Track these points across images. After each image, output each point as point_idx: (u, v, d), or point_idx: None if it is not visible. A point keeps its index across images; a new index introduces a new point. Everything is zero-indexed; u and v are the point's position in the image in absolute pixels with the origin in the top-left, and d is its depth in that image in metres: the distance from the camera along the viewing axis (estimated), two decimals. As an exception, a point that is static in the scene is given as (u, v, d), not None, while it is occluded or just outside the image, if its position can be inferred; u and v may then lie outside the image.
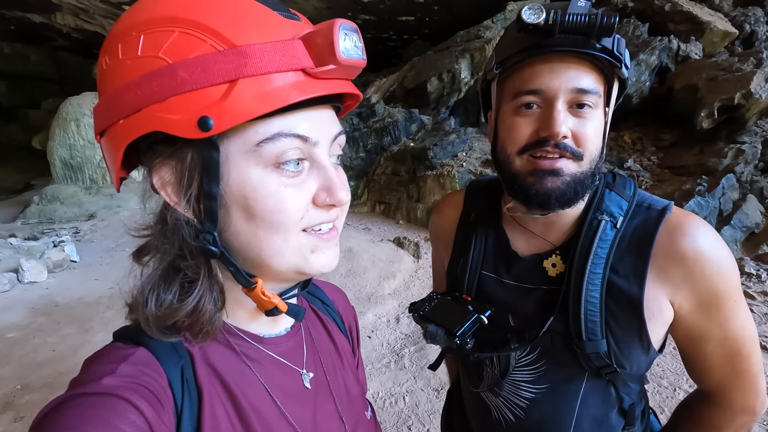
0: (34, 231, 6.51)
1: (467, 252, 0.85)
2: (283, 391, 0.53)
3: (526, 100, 0.68)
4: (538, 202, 0.70)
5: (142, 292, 0.46)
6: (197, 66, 0.39)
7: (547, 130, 0.66)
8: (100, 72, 0.45)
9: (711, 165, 4.86)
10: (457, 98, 7.39)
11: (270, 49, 0.40)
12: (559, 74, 0.66)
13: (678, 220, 0.70)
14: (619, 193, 0.75)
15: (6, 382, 2.87)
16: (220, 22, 0.40)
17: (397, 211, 6.38)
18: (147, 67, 0.40)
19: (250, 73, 0.40)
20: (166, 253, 0.47)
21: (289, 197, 0.44)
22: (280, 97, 0.40)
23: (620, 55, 0.65)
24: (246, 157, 0.43)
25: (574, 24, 0.61)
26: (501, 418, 0.84)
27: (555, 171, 0.68)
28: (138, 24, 0.42)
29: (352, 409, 0.62)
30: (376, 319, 3.56)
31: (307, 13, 8.88)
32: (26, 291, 4.38)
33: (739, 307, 0.70)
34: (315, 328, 0.64)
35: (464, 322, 0.76)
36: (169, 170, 0.44)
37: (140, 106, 0.40)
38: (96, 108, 0.45)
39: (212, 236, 0.44)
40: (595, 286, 0.70)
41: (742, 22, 6.70)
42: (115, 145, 0.43)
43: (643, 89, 6.04)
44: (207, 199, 0.43)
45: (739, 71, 5.30)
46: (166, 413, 0.42)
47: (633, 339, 0.71)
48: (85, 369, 0.44)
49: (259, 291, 0.47)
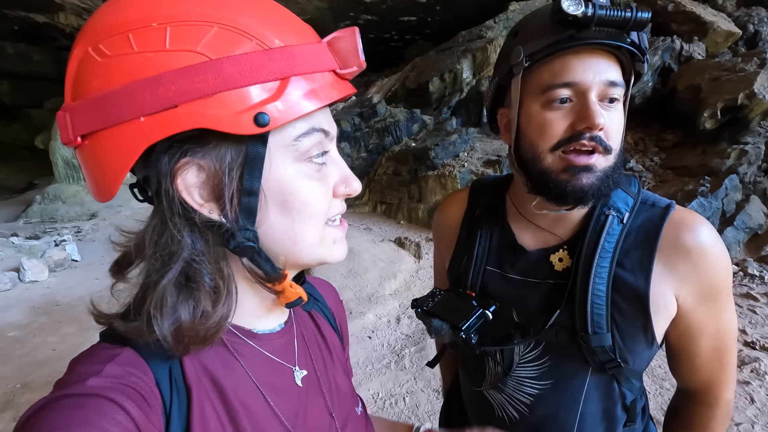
0: (36, 230, 6.52)
1: (472, 248, 0.85)
2: (274, 388, 0.52)
3: (559, 93, 0.67)
4: (575, 198, 0.69)
5: (146, 312, 0.43)
6: (247, 63, 0.40)
7: (586, 122, 0.65)
8: (86, 65, 0.41)
9: (714, 166, 4.84)
10: (458, 98, 7.38)
11: (311, 50, 0.43)
12: (592, 66, 0.66)
13: (682, 216, 0.72)
14: (625, 190, 0.77)
15: (6, 380, 2.87)
16: (262, 22, 0.42)
17: (398, 212, 6.37)
18: (181, 62, 0.39)
19: (298, 72, 0.42)
20: (167, 263, 0.43)
21: (320, 189, 0.48)
22: (326, 95, 0.44)
23: (645, 49, 0.67)
24: (284, 152, 0.45)
25: (611, 18, 0.62)
26: (504, 416, 0.84)
27: (589, 167, 0.68)
28: (159, 16, 0.40)
29: (342, 405, 0.62)
30: (377, 319, 3.55)
31: (309, 13, 8.88)
32: (27, 290, 4.39)
33: (730, 301, 0.74)
34: (305, 324, 0.64)
35: (469, 317, 0.76)
36: (196, 171, 0.42)
37: (175, 102, 0.38)
38: (77, 106, 0.41)
39: (253, 232, 0.45)
40: (602, 279, 0.71)
41: (745, 22, 6.68)
42: (130, 145, 0.40)
43: (646, 89, 6.02)
44: (246, 196, 0.43)
45: (743, 71, 5.28)
46: (154, 413, 0.41)
47: (638, 333, 0.72)
48: (70, 370, 0.43)
49: (288, 283, 0.48)
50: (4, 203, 8.39)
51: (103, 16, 0.42)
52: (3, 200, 8.67)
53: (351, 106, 7.83)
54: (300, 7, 8.68)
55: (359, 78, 9.83)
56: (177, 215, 0.43)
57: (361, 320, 3.48)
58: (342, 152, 6.99)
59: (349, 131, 7.20)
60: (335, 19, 9.47)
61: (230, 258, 0.48)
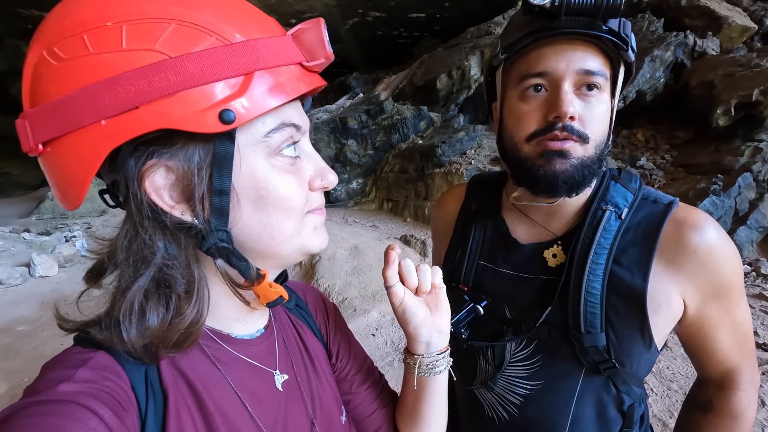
0: (47, 226, 6.63)
1: (466, 242, 0.85)
2: (253, 394, 0.51)
3: (532, 82, 0.68)
4: (546, 184, 0.69)
5: (114, 320, 0.42)
6: (208, 59, 0.38)
7: (555, 111, 0.65)
8: (42, 69, 0.39)
9: (727, 163, 4.74)
10: (466, 95, 7.34)
11: (275, 43, 0.42)
12: (565, 56, 0.66)
13: (685, 214, 0.70)
14: (625, 186, 0.75)
15: (15, 374, 2.92)
16: (221, 16, 0.40)
17: (404, 209, 6.35)
18: (139, 61, 0.37)
19: (262, 66, 0.41)
20: (139, 269, 0.43)
21: (295, 182, 0.47)
22: (293, 89, 0.43)
23: (627, 37, 0.65)
24: (254, 149, 0.44)
25: (581, 5, 0.61)
26: (494, 416, 0.83)
27: (563, 152, 0.67)
28: (113, 15, 0.38)
29: (324, 412, 0.60)
30: (381, 317, 3.54)
31: (318, 10, 8.88)
32: (37, 285, 4.46)
33: (742, 294, 0.72)
34: (286, 331, 0.62)
35: (459, 310, 0.75)
36: (164, 172, 0.41)
37: (136, 104, 0.37)
38: (36, 113, 0.39)
39: (226, 233, 0.44)
40: (596, 276, 0.69)
41: (761, 16, 6.53)
42: (93, 150, 0.39)
43: (658, 86, 5.91)
44: (217, 196, 0.42)
45: (758, 67, 5.15)
46: (129, 418, 0.40)
47: (634, 333, 0.70)
48: (41, 376, 0.41)
49: (267, 283, 0.47)
50: (17, 199, 8.55)
51: (56, 17, 0.40)
52: (17, 196, 8.83)
53: (358, 103, 7.82)
54: (308, 4, 8.68)
55: (366, 75, 9.82)
56: (147, 219, 0.42)
57: (365, 318, 3.47)
58: (349, 149, 7.07)
59: (356, 128, 7.19)
60: (344, 16, 9.46)
61: (203, 261, 0.47)
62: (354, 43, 10.47)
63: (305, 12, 8.91)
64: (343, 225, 5.89)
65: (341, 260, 4.21)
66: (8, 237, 5.60)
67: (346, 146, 7.10)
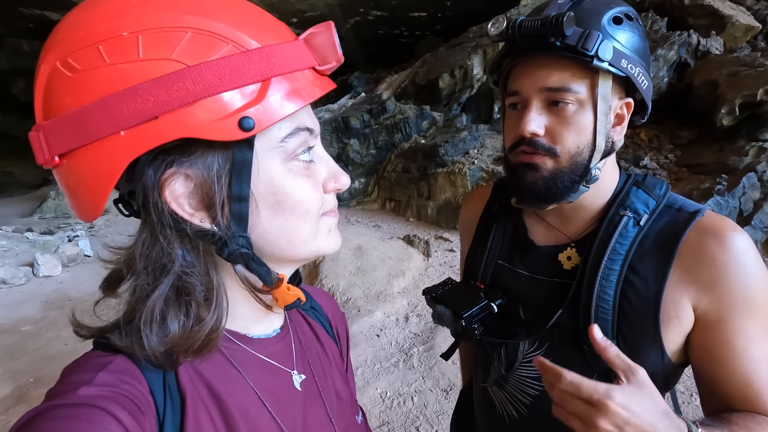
0: (50, 225, 6.63)
1: (486, 241, 0.87)
2: (272, 393, 0.52)
3: (510, 101, 0.74)
4: (520, 195, 0.75)
5: (135, 327, 0.42)
6: (225, 67, 0.39)
7: (518, 129, 0.70)
8: (56, 81, 0.39)
9: (731, 163, 4.72)
10: (469, 95, 7.32)
11: (289, 49, 0.42)
12: (529, 75, 0.69)
13: (711, 222, 0.67)
14: (648, 192, 0.73)
15: (20, 374, 2.92)
16: (236, 24, 0.41)
17: (407, 209, 6.35)
18: (157, 71, 0.38)
19: (279, 72, 0.41)
20: (158, 277, 0.43)
21: (311, 186, 0.47)
22: (308, 94, 0.43)
23: (586, 50, 0.63)
24: (272, 154, 0.44)
25: (529, 28, 0.65)
26: (505, 415, 0.84)
27: (533, 165, 0.71)
28: (129, 24, 0.38)
29: (342, 412, 0.61)
30: (385, 317, 3.54)
31: (320, 9, 8.86)
32: (41, 285, 4.47)
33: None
34: (302, 330, 0.63)
35: (473, 306, 0.77)
36: (183, 181, 0.42)
37: (155, 114, 0.37)
38: (51, 125, 0.39)
39: (246, 239, 0.44)
40: (609, 282, 0.69)
41: (765, 15, 6.50)
42: (112, 161, 0.39)
43: (661, 85, 5.90)
44: (236, 203, 0.43)
45: (762, 66, 5.14)
46: (147, 421, 0.41)
47: (645, 343, 0.68)
48: (62, 379, 0.42)
49: (285, 286, 0.48)
50: (20, 199, 8.55)
51: (69, 28, 0.40)
52: (19, 196, 8.84)
53: (360, 102, 7.81)
54: (309, 2, 8.66)
55: (368, 74, 9.81)
56: (167, 227, 0.42)
57: (369, 318, 3.47)
58: (351, 149, 7.05)
59: (359, 128, 7.18)
60: (345, 15, 9.45)
61: (221, 266, 0.47)
62: (355, 42, 10.46)
63: (306, 11, 8.90)
64: (346, 225, 5.88)
65: (345, 260, 4.21)
66: (11, 236, 5.61)
67: (348, 146, 7.09)
